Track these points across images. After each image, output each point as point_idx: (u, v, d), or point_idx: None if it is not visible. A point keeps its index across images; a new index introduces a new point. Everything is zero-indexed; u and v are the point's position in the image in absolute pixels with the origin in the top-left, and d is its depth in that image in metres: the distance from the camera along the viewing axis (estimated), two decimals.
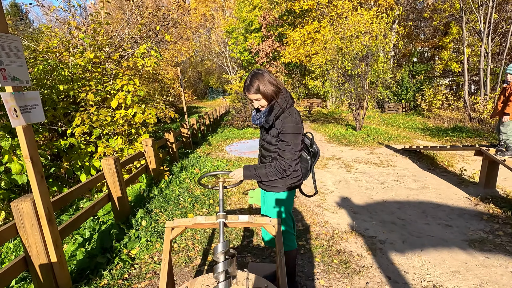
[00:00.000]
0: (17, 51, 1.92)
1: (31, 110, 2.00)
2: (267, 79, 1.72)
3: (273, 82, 1.74)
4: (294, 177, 1.89)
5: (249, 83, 1.73)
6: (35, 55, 4.87)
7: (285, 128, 1.71)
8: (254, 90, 1.71)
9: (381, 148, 7.88)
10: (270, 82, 1.72)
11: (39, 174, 2.04)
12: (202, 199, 3.97)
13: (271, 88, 1.73)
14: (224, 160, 6.30)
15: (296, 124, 1.73)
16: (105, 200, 3.26)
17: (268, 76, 1.73)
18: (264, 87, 1.71)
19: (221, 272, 1.46)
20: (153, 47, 5.34)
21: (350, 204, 4.02)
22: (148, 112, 4.80)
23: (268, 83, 1.72)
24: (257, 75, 1.72)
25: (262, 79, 1.71)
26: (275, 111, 1.74)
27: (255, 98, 1.76)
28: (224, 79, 37.29)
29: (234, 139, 9.70)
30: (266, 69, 1.87)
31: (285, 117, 1.73)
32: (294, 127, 1.72)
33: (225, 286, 1.44)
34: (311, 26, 18.37)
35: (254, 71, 1.75)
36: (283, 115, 1.74)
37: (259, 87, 1.71)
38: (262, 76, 1.72)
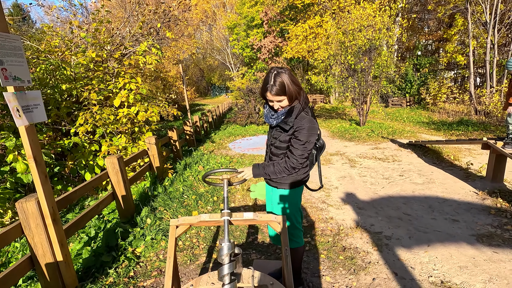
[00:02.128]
0: (17, 51, 1.91)
1: (33, 110, 1.99)
2: (291, 78, 1.62)
3: (295, 81, 1.65)
4: (301, 174, 1.88)
5: (273, 83, 1.61)
6: (37, 55, 4.88)
7: (302, 127, 1.67)
8: (278, 91, 1.61)
9: (386, 142, 7.81)
10: (293, 81, 1.63)
11: (43, 174, 2.04)
12: (206, 196, 3.97)
13: (295, 88, 1.64)
14: (227, 157, 6.29)
15: (312, 124, 1.70)
16: (109, 198, 3.27)
17: (291, 75, 1.64)
18: (289, 87, 1.61)
19: (226, 274, 1.45)
20: (154, 45, 5.31)
21: (355, 200, 3.99)
22: (151, 110, 4.79)
23: (292, 83, 1.62)
24: (280, 75, 1.61)
25: (286, 79, 1.60)
26: (296, 111, 1.68)
27: (277, 100, 1.66)
28: (226, 76, 37.24)
29: (237, 136, 9.68)
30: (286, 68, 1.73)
31: (302, 117, 1.69)
32: (310, 128, 1.68)
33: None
34: (313, 21, 18.18)
35: (276, 70, 1.64)
36: (301, 115, 1.70)
37: (284, 88, 1.60)
38: (286, 76, 1.61)
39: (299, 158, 1.72)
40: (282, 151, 1.83)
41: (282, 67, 1.66)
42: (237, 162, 5.91)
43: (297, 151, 1.71)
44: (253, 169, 1.84)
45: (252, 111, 12.03)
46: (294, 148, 1.72)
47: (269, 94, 1.65)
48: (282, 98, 1.64)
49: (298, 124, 1.69)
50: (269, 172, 1.80)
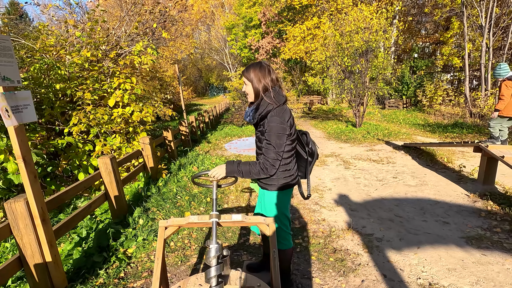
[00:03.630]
0: (7, 51, 1.91)
1: (22, 110, 1.99)
2: (262, 74, 1.75)
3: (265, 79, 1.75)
4: (287, 177, 1.88)
5: (248, 66, 1.81)
6: (32, 54, 4.86)
7: (269, 127, 1.71)
8: (245, 73, 1.78)
9: (381, 144, 7.85)
10: (263, 77, 1.75)
11: (32, 174, 2.04)
12: (199, 197, 3.97)
13: (261, 85, 1.76)
14: (223, 158, 6.29)
15: (280, 124, 1.71)
16: (102, 199, 3.27)
17: (264, 72, 1.75)
18: (254, 77, 1.75)
19: (213, 276, 1.45)
20: (150, 45, 5.31)
21: (348, 202, 4.01)
22: (145, 111, 4.79)
23: (261, 78, 1.75)
24: (257, 65, 1.77)
25: (257, 70, 1.75)
26: (261, 109, 1.75)
27: (243, 82, 1.83)
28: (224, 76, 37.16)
29: (234, 136, 9.69)
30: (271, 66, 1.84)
31: (271, 116, 1.73)
32: (278, 127, 1.70)
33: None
34: (311, 22, 18.25)
35: (260, 62, 1.81)
36: (270, 114, 1.73)
37: (250, 74, 1.76)
38: (260, 69, 1.76)
39: (272, 160, 1.72)
40: (260, 150, 1.84)
41: (266, 64, 1.79)
42: None
43: (269, 153, 1.72)
44: (226, 165, 1.81)
45: None
46: (266, 149, 1.74)
47: (243, 74, 1.82)
48: (247, 82, 1.79)
49: (267, 125, 1.73)
50: (243, 170, 1.77)
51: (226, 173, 1.82)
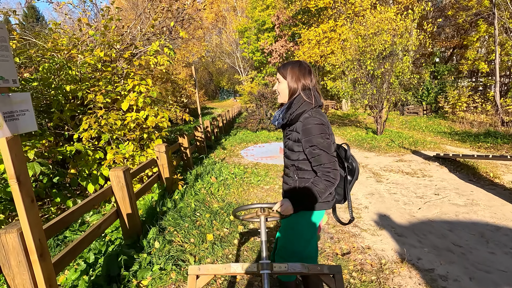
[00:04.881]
0: (1, 42, 1.50)
1: (18, 117, 1.57)
2: (301, 73, 1.55)
3: (305, 80, 1.55)
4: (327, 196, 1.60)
5: (286, 63, 1.61)
6: (42, 53, 4.54)
7: (307, 130, 1.47)
8: (282, 70, 1.59)
9: (409, 154, 7.27)
10: (302, 76, 1.55)
11: (29, 198, 1.62)
12: (221, 215, 3.51)
13: (298, 84, 1.55)
14: (241, 167, 5.83)
15: (320, 124, 1.46)
16: (113, 217, 2.85)
17: (304, 72, 1.56)
18: (292, 75, 1.55)
19: None
20: (167, 44, 4.93)
21: (391, 224, 3.48)
22: (161, 115, 4.38)
23: (300, 77, 1.55)
24: (297, 64, 1.58)
25: (297, 69, 1.56)
26: (294, 107, 1.53)
27: (277, 78, 1.63)
28: (235, 79, 36.99)
29: (249, 142, 9.24)
30: (311, 67, 1.62)
31: (306, 118, 1.49)
32: (317, 127, 1.46)
33: None
34: (326, 25, 17.76)
35: (300, 61, 1.61)
36: (304, 116, 1.50)
37: (287, 70, 1.57)
38: (300, 68, 1.56)
39: (329, 164, 1.45)
40: (291, 161, 1.61)
41: (306, 64, 1.60)
42: (252, 173, 5.45)
43: (322, 158, 1.45)
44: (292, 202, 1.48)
45: (263, 116, 11.60)
46: (316, 157, 1.47)
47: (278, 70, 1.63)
48: (281, 80, 1.59)
49: (302, 128, 1.49)
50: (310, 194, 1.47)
51: (295, 208, 1.49)
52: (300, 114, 1.50)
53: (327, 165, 1.45)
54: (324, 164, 1.45)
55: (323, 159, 1.45)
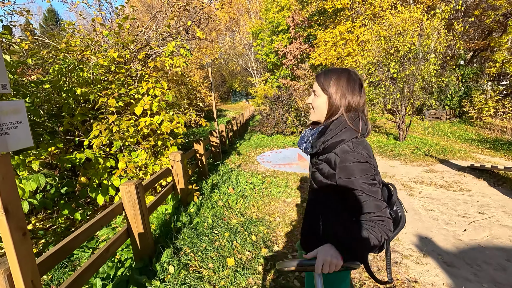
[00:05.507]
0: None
1: (8, 131, 1.27)
2: (350, 87, 1.17)
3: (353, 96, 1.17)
4: None
5: (329, 71, 1.21)
6: (55, 54, 4.33)
7: (347, 168, 1.10)
8: (324, 82, 1.19)
9: (439, 164, 6.73)
10: (350, 92, 1.16)
11: (19, 231, 1.31)
12: (242, 234, 3.16)
13: (343, 101, 1.17)
14: (259, 175, 5.47)
15: (363, 162, 1.09)
16: (123, 237, 2.54)
17: (354, 85, 1.17)
18: (337, 89, 1.17)
19: None
20: (183, 45, 4.64)
21: (436, 249, 3.04)
22: (176, 120, 4.09)
23: (346, 93, 1.16)
24: (344, 73, 1.18)
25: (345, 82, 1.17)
26: (330, 134, 1.16)
27: (314, 90, 1.24)
28: (248, 82, 36.75)
29: (265, 147, 8.88)
30: (361, 79, 1.22)
31: (344, 152, 1.12)
32: (360, 167, 1.09)
33: None
34: (343, 27, 17.25)
35: (348, 69, 1.21)
36: (342, 148, 1.13)
37: (329, 82, 1.18)
38: (348, 80, 1.17)
39: (380, 212, 1.08)
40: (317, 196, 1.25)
41: (357, 74, 1.20)
42: (271, 182, 5.08)
43: (369, 206, 1.08)
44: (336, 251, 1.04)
45: (279, 120, 11.22)
46: (362, 203, 1.09)
47: (315, 79, 1.24)
48: (319, 93, 1.21)
49: (337, 163, 1.12)
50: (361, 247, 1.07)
51: (344, 264, 1.05)
52: (337, 143, 1.14)
53: (377, 213, 1.08)
54: (374, 213, 1.09)
55: (371, 207, 1.09)
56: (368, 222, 1.08)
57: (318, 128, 1.23)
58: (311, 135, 1.25)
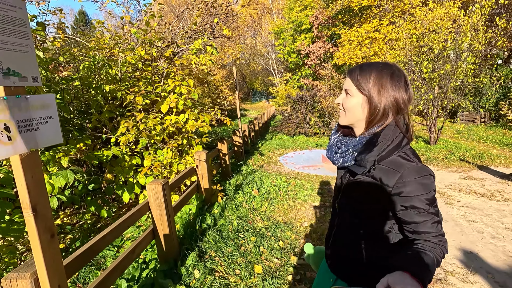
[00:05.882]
0: (18, 25, 1.12)
1: (38, 127, 1.19)
2: (394, 84, 0.96)
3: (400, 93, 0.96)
4: None
5: (365, 66, 1.00)
6: (85, 52, 4.40)
7: (408, 184, 0.92)
8: (360, 78, 0.98)
9: (477, 170, 6.25)
10: (395, 89, 0.96)
11: (48, 233, 1.23)
12: (269, 239, 3.01)
13: (388, 100, 0.96)
14: (283, 177, 5.30)
15: (427, 175, 0.92)
16: (148, 238, 2.46)
17: (400, 82, 0.96)
18: (378, 87, 0.96)
19: None
20: (210, 43, 4.56)
21: (484, 266, 2.74)
22: (202, 119, 4.01)
23: (391, 90, 0.96)
24: (386, 68, 0.97)
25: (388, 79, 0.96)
26: (381, 146, 0.95)
27: (346, 88, 1.03)
28: (268, 81, 36.62)
29: (287, 148, 8.68)
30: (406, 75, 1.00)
31: (400, 164, 0.94)
32: (425, 181, 0.91)
33: None
34: (370, 25, 16.66)
35: (388, 63, 1.00)
36: (395, 159, 0.95)
37: (366, 79, 0.97)
38: (392, 76, 0.96)
39: (435, 228, 0.92)
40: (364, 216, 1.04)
41: (399, 68, 1.00)
42: (296, 185, 4.89)
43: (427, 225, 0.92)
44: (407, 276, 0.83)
45: (301, 120, 10.97)
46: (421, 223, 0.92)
47: (348, 76, 1.04)
48: (354, 92, 1.01)
49: (390, 178, 0.94)
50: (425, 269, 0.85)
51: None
52: (389, 154, 0.96)
53: (436, 233, 0.92)
54: (433, 233, 0.92)
55: (431, 227, 0.92)
56: (428, 243, 0.92)
57: (363, 138, 1.01)
58: (353, 146, 1.03)
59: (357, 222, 1.07)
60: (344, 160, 1.04)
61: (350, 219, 1.09)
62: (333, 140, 1.12)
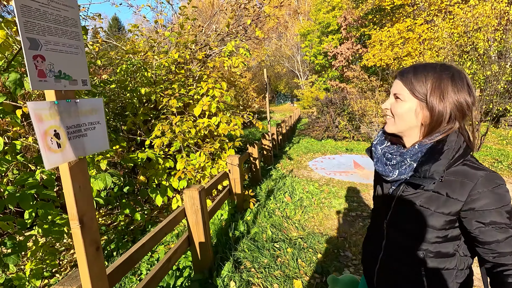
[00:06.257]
0: (70, 26, 1.06)
1: (86, 133, 1.12)
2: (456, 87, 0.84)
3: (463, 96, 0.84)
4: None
5: (419, 67, 0.89)
6: (121, 55, 4.49)
7: (482, 196, 0.79)
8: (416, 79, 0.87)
9: None
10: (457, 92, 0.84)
11: (93, 246, 1.16)
12: (306, 251, 2.83)
13: (454, 104, 0.84)
14: (315, 184, 5.08)
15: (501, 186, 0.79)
16: (184, 245, 2.39)
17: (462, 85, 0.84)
18: (441, 92, 0.84)
19: None
20: (243, 45, 4.48)
21: None
22: (234, 122, 3.92)
23: (453, 93, 0.84)
24: (444, 70, 0.86)
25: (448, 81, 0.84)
26: (448, 155, 0.83)
27: (396, 93, 0.91)
28: (293, 84, 36.25)
29: (316, 152, 8.42)
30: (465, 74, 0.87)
31: (470, 174, 0.82)
32: (501, 192, 0.79)
33: None
34: (403, 24, 15.92)
35: (445, 64, 0.88)
36: (461, 168, 0.84)
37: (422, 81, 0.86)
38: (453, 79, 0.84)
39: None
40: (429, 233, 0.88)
41: (459, 70, 0.87)
42: (329, 192, 4.67)
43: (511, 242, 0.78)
44: None
45: (330, 123, 10.64)
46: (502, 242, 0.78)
47: (398, 78, 0.92)
48: (406, 96, 0.88)
49: (472, 191, 0.80)
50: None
51: None
52: (453, 164, 0.85)
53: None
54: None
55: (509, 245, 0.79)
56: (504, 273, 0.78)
57: (423, 146, 0.88)
58: (411, 155, 0.90)
59: (413, 245, 0.92)
60: (401, 172, 0.92)
61: (406, 242, 0.94)
62: (381, 151, 1.00)
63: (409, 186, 0.92)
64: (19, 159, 2.50)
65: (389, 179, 0.95)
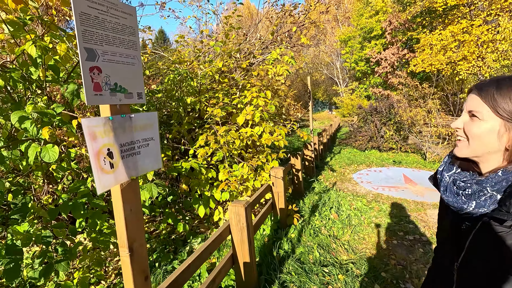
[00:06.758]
0: (127, 34, 0.97)
1: (140, 150, 1.02)
2: None
3: None
4: None
5: (500, 83, 0.73)
6: (168, 66, 4.59)
7: None
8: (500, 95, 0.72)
9: None
10: None
11: (142, 275, 1.04)
12: (361, 280, 2.53)
13: None
14: (363, 200, 4.69)
15: None
16: (228, 265, 2.25)
17: None
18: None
19: None
20: (288, 52, 4.33)
21: None
22: (278, 132, 3.75)
23: None
24: None
25: None
26: None
27: (472, 110, 0.78)
28: (332, 91, 35.31)
29: (360, 164, 7.91)
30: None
31: None
32: None
33: None
34: (457, 26, 14.63)
35: None
36: None
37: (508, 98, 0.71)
38: None
39: None
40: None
41: None
42: (380, 210, 4.25)
43: None
44: None
45: (374, 133, 10.00)
46: None
47: (476, 92, 0.77)
48: (486, 114, 0.75)
49: None
50: None
51: None
52: None
53: None
54: None
55: None
56: None
57: (507, 173, 0.73)
58: (493, 184, 0.74)
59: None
60: (479, 204, 0.77)
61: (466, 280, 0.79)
62: (449, 178, 0.86)
63: (492, 222, 0.74)
64: (74, 167, 2.58)
65: (463, 212, 0.79)
